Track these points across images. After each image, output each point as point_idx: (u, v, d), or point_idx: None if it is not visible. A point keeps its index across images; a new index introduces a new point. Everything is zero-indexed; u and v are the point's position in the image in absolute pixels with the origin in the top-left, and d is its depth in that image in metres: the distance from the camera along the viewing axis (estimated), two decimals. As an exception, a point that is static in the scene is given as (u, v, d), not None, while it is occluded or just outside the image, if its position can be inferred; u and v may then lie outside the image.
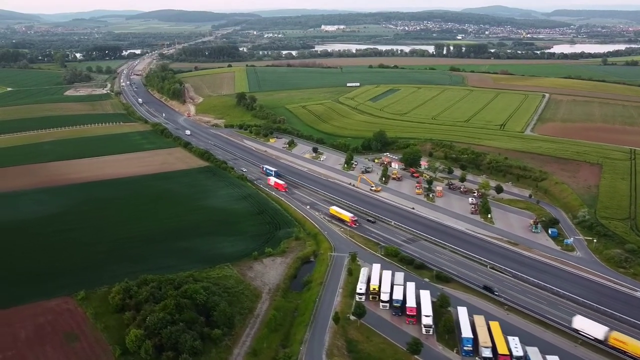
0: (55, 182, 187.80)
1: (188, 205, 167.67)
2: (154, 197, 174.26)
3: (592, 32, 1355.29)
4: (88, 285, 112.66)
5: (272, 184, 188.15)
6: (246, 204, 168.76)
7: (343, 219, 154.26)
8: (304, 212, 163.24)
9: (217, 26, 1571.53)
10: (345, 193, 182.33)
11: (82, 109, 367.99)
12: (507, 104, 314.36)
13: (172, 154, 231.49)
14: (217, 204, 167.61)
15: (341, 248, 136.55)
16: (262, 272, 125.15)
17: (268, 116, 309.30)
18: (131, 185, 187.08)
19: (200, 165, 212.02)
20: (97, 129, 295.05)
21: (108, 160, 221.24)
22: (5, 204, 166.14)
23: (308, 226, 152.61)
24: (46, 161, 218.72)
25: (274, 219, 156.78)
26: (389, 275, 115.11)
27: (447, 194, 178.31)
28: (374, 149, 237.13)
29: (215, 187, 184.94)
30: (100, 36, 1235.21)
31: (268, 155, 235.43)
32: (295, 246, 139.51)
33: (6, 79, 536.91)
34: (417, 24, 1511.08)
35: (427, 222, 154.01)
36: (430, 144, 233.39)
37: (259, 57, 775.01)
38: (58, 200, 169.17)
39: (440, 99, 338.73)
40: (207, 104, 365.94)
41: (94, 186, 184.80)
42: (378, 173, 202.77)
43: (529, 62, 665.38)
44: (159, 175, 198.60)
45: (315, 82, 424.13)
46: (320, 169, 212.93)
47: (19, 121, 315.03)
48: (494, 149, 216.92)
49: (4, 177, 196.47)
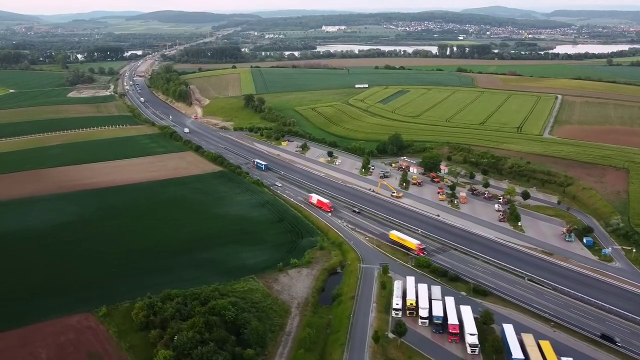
0: (66, 188, 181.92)
1: (205, 212, 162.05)
2: (169, 204, 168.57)
3: (594, 33, 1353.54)
4: (108, 300, 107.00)
5: (315, 202, 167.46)
6: (265, 211, 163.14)
7: (407, 246, 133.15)
8: (326, 219, 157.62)
9: (218, 27, 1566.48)
10: (366, 199, 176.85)
11: (87, 111, 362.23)
12: (520, 106, 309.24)
13: (183, 158, 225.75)
14: (235, 212, 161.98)
15: (369, 259, 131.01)
16: (288, 285, 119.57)
17: (277, 118, 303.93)
18: (144, 191, 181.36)
19: (213, 170, 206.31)
20: (104, 132, 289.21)
21: (118, 164, 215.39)
22: (16, 211, 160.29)
23: (331, 235, 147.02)
24: (55, 166, 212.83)
25: (295, 227, 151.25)
26: (425, 289, 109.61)
27: (471, 200, 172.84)
28: (390, 153, 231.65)
29: (232, 193, 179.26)
30: (100, 37, 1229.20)
31: (281, 159, 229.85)
32: (320, 256, 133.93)
33: (8, 81, 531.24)
34: (418, 25, 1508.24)
35: (454, 230, 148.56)
36: (448, 148, 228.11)
37: (262, 58, 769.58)
38: (70, 208, 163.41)
39: (452, 101, 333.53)
40: (214, 106, 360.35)
41: (106, 192, 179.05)
42: (397, 178, 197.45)
43: (533, 62, 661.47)
44: (171, 180, 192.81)
45: (322, 83, 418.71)
46: (337, 173, 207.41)
47: (23, 124, 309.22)
48: (514, 152, 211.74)
49: (13, 182, 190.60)
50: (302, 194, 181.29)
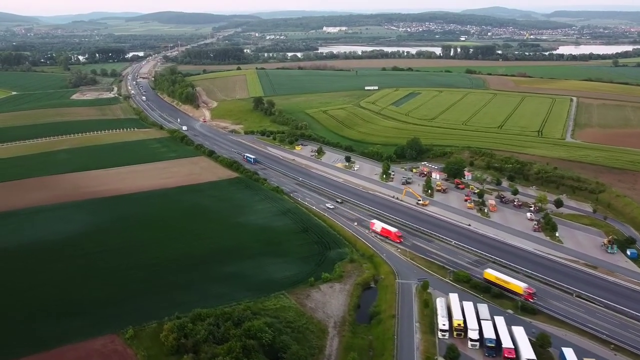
0: (76, 197, 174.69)
1: (224, 222, 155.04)
2: (186, 214, 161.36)
3: (595, 33, 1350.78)
4: (134, 320, 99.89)
5: (378, 230, 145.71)
6: (288, 220, 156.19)
7: (510, 289, 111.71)
8: (353, 229, 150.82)
9: (218, 28, 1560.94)
10: (390, 207, 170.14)
11: (92, 113, 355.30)
12: (537, 109, 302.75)
13: (196, 163, 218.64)
14: (256, 221, 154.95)
15: (405, 273, 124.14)
16: (322, 302, 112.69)
17: (288, 122, 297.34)
18: (158, 199, 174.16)
19: (229, 176, 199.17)
20: (111, 135, 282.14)
21: (129, 170, 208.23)
22: (26, 222, 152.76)
23: (360, 246, 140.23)
24: (64, 172, 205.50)
25: (321, 237, 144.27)
26: (471, 308, 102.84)
27: (501, 208, 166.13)
28: (409, 158, 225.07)
29: (251, 201, 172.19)
30: (100, 38, 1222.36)
31: (297, 165, 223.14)
32: (351, 270, 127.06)
33: (9, 83, 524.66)
34: (419, 26, 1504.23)
35: (488, 241, 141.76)
36: (469, 152, 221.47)
37: (265, 59, 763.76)
38: (82, 218, 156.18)
39: (465, 103, 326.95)
40: (222, 109, 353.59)
41: (119, 201, 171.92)
42: (420, 184, 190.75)
43: (538, 63, 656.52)
44: (186, 187, 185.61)
45: (331, 85, 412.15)
46: (356, 179, 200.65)
47: (28, 127, 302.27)
48: (539, 157, 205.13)
49: (21, 190, 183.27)
50: (323, 202, 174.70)
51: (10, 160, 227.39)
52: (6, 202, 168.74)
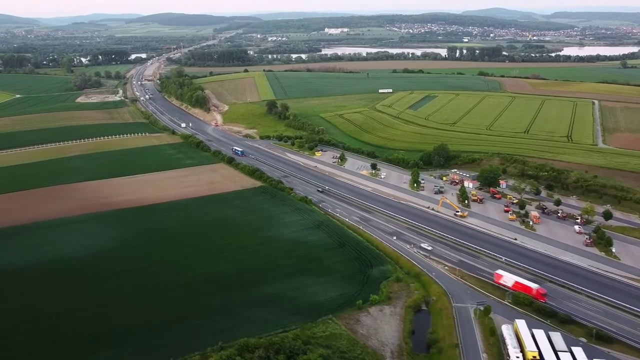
0: (97, 207, 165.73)
1: (254, 236, 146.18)
2: (213, 227, 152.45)
3: (598, 34, 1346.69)
4: (174, 351, 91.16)
5: (510, 284, 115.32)
6: (321, 234, 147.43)
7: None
8: (392, 244, 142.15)
9: (219, 29, 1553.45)
10: (426, 218, 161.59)
11: (100, 117, 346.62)
12: (560, 112, 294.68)
13: (216, 171, 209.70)
14: (289, 235, 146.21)
15: (459, 294, 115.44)
16: (374, 328, 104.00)
17: (304, 126, 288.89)
18: (183, 210, 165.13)
19: (252, 185, 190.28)
20: (123, 141, 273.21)
21: (148, 179, 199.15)
22: (48, 236, 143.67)
23: (403, 263, 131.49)
24: (80, 181, 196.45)
25: (360, 253, 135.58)
26: (543, 337, 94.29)
27: (544, 220, 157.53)
28: (436, 165, 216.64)
29: (279, 212, 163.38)
30: (102, 40, 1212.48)
31: (320, 172, 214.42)
32: (399, 290, 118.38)
33: (13, 85, 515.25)
34: (421, 27, 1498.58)
35: (539, 257, 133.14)
36: (499, 159, 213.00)
37: (269, 61, 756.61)
38: (105, 232, 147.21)
39: (484, 107, 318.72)
40: (234, 113, 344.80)
41: (141, 212, 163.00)
42: (453, 194, 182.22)
43: (547, 65, 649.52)
44: (209, 198, 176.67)
45: (343, 88, 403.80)
46: (385, 188, 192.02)
47: (37, 132, 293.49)
48: (575, 165, 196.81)
49: (39, 200, 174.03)
50: (355, 212, 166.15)
51: (24, 167, 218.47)
52: (26, 213, 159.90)
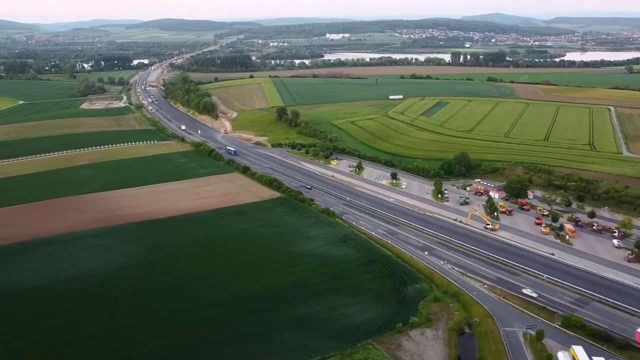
0: (111, 221, 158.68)
1: (280, 251, 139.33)
2: (233, 242, 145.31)
3: (599, 39, 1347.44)
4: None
5: None
6: (348, 249, 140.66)
7: None
8: (425, 260, 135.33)
9: (220, 35, 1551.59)
10: (454, 231, 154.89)
11: (106, 124, 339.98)
12: (577, 119, 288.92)
13: (232, 181, 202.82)
14: (314, 250, 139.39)
15: (503, 316, 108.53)
16: (418, 354, 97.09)
17: (316, 133, 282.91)
18: (200, 223, 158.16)
19: (271, 196, 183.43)
20: (132, 149, 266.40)
21: (161, 190, 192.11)
22: (62, 252, 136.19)
23: (438, 280, 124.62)
24: (91, 192, 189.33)
25: (391, 270, 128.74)
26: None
27: (579, 233, 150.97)
28: (457, 174, 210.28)
29: (301, 225, 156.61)
30: (103, 45, 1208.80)
31: (339, 182, 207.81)
32: (438, 311, 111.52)
33: (15, 91, 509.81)
34: (422, 32, 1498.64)
35: (580, 274, 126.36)
36: (522, 168, 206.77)
37: (272, 66, 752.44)
38: (121, 247, 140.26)
39: (499, 114, 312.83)
40: (243, 119, 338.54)
41: (157, 226, 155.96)
42: (479, 205, 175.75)
43: (552, 70, 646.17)
44: (227, 210, 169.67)
45: (352, 94, 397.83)
46: (407, 199, 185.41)
47: (43, 140, 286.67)
48: (604, 174, 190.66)
49: (50, 213, 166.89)
50: (380, 225, 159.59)
51: (32, 177, 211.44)
52: (37, 227, 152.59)
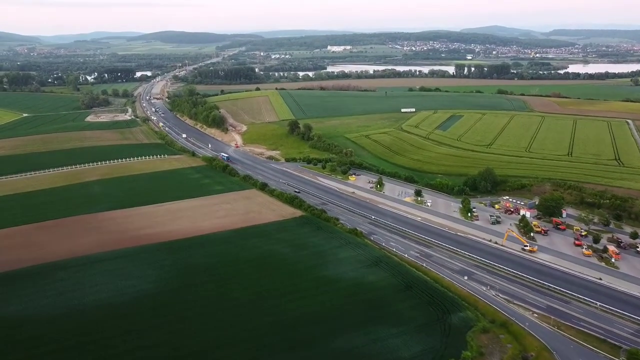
0: (128, 242, 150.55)
1: (308, 275, 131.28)
2: (260, 265, 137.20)
3: (600, 52, 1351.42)
4: None
5: None
6: (383, 273, 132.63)
7: None
8: (465, 285, 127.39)
9: (221, 47, 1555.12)
10: (491, 253, 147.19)
11: (113, 138, 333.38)
12: (597, 133, 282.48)
13: (250, 198, 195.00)
14: (346, 274, 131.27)
15: (562, 350, 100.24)
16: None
17: (330, 147, 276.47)
18: (222, 245, 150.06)
19: (293, 214, 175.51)
20: (142, 163, 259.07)
21: (177, 208, 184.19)
22: (80, 278, 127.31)
23: (484, 308, 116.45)
24: (104, 210, 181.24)
25: (431, 297, 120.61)
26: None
27: (623, 255, 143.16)
28: (482, 190, 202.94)
29: (329, 246, 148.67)
30: (105, 57, 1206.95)
31: (360, 199, 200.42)
32: (488, 343, 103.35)
33: (19, 104, 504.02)
34: (423, 44, 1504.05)
35: (636, 302, 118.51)
36: (550, 185, 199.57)
37: (276, 78, 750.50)
38: (141, 271, 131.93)
39: (516, 127, 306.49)
40: (254, 133, 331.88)
41: (176, 248, 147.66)
42: (512, 224, 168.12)
43: (557, 82, 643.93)
44: (249, 230, 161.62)
45: (363, 107, 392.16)
46: (435, 217, 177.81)
47: (49, 154, 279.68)
48: (637, 192, 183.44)
49: (63, 233, 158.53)
50: (411, 246, 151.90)
51: (42, 194, 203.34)
52: (50, 249, 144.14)
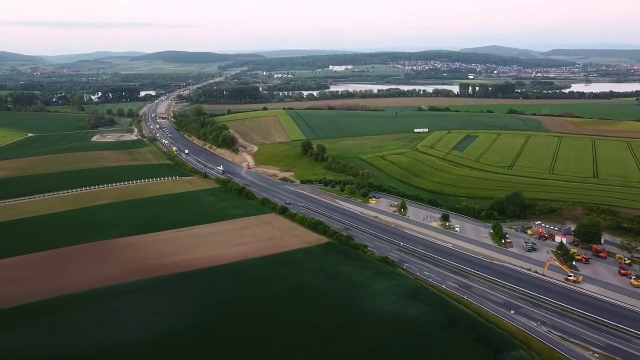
0: (146, 272, 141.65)
1: (346, 310, 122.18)
2: (291, 296, 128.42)
3: (600, 71, 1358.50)
4: None
5: None
6: (423, 306, 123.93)
7: None
8: (513, 320, 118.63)
9: (224, 67, 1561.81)
10: (532, 284, 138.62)
11: (121, 158, 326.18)
12: (619, 154, 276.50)
13: (271, 223, 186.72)
14: (384, 308, 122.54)
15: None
16: None
17: (346, 169, 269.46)
18: (248, 275, 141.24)
19: (318, 241, 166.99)
20: (153, 185, 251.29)
21: (196, 234, 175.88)
22: (100, 313, 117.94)
23: (538, 347, 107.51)
24: (119, 236, 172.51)
25: (479, 333, 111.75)
26: None
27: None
28: (510, 214, 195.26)
29: (362, 277, 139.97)
30: (108, 77, 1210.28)
31: (382, 223, 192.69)
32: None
33: (24, 124, 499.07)
34: (424, 64, 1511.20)
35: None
36: (582, 209, 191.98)
37: (281, 98, 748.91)
38: (164, 306, 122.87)
39: (534, 148, 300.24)
40: (265, 154, 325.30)
41: (199, 278, 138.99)
42: (548, 251, 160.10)
43: (563, 101, 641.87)
44: (274, 258, 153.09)
45: (374, 127, 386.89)
46: (466, 244, 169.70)
47: (58, 175, 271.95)
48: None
49: (79, 262, 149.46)
50: (447, 276, 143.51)
51: (52, 219, 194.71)
52: (63, 281, 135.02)
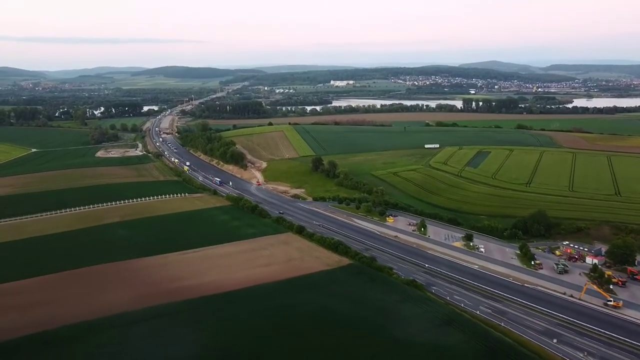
0: (163, 296, 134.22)
1: (376, 338, 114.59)
2: (318, 323, 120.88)
3: (601, 86, 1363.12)
4: None
5: None
6: (458, 334, 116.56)
7: None
8: (556, 350, 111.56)
9: (225, 82, 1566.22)
10: (570, 309, 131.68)
11: (127, 174, 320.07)
12: (639, 171, 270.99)
13: (289, 243, 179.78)
14: (418, 336, 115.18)
15: None
16: None
17: (359, 186, 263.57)
18: (271, 300, 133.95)
19: (339, 262, 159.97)
20: (163, 203, 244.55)
21: (212, 255, 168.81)
22: (116, 343, 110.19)
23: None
24: (131, 257, 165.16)
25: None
26: None
27: None
28: (535, 234, 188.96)
29: (390, 302, 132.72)
30: (110, 92, 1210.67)
31: (403, 243, 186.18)
32: None
33: (27, 139, 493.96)
34: (425, 79, 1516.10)
35: None
36: (609, 227, 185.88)
37: (284, 113, 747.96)
38: (182, 334, 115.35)
39: (549, 164, 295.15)
40: (275, 170, 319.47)
41: (216, 304, 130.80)
42: (581, 273, 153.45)
43: (567, 116, 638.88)
44: (296, 281, 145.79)
45: (384, 143, 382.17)
46: (492, 265, 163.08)
47: (64, 192, 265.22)
48: None
49: (91, 286, 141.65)
50: (480, 301, 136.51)
51: (60, 239, 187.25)
52: (76, 307, 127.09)
